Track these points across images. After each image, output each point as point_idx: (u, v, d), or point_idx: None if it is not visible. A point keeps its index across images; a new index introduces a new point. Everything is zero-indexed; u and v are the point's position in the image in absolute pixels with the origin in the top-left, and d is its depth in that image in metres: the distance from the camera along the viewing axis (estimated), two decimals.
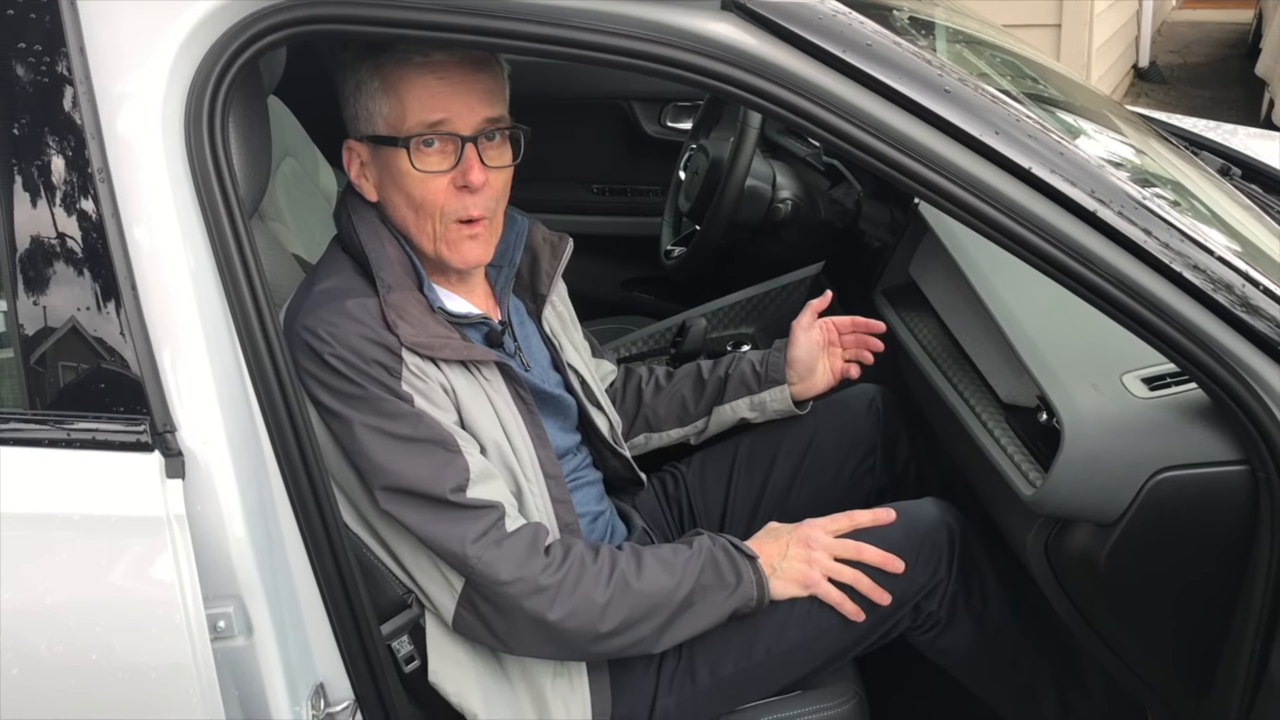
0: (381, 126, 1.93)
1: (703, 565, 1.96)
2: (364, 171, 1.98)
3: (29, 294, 1.56)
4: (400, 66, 1.89)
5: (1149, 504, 1.82)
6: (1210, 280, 1.60)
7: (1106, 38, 8.32)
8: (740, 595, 1.98)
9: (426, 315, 1.94)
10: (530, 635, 1.90)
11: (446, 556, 1.86)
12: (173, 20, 1.55)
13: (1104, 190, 1.59)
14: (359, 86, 1.93)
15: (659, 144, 4.07)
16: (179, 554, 1.53)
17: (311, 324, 1.86)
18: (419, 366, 1.89)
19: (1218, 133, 3.33)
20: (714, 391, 2.49)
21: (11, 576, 1.55)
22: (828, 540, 2.05)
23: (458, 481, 1.85)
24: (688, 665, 2.07)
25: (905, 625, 2.15)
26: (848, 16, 1.59)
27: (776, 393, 2.45)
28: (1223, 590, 1.82)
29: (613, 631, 1.90)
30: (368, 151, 1.96)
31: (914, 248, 2.71)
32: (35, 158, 1.54)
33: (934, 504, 2.20)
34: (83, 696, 1.59)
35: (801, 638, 2.07)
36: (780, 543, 2.07)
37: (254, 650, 1.64)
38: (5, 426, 1.58)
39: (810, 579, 2.02)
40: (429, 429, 1.86)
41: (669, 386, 2.52)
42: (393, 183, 1.95)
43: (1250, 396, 1.64)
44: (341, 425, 1.85)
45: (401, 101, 1.90)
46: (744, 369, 2.47)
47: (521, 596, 1.85)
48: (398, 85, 1.90)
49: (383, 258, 1.95)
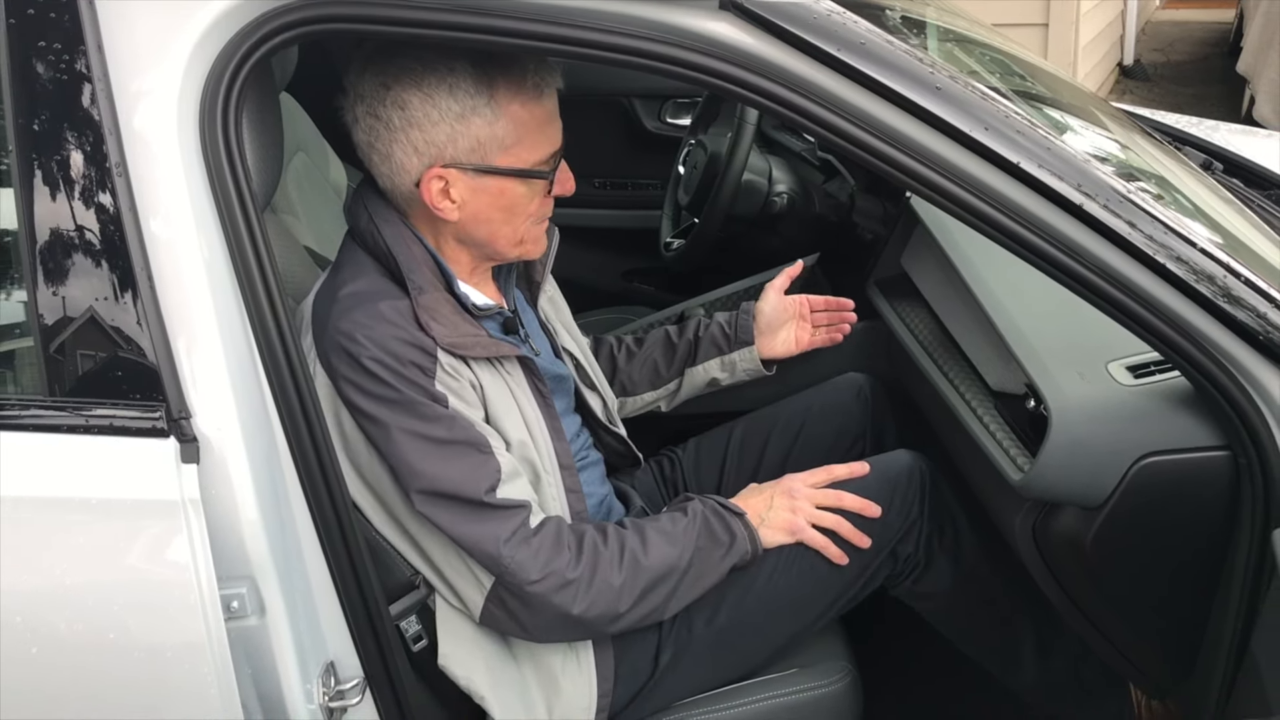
0: (501, 158, 1.87)
1: (699, 529, 1.99)
2: (448, 194, 1.88)
3: (49, 284, 1.56)
4: (521, 93, 1.84)
5: (1133, 488, 1.82)
6: (1193, 271, 1.60)
7: (1092, 36, 8.31)
8: (736, 551, 2.01)
9: (457, 315, 1.92)
10: (556, 625, 1.92)
11: (479, 556, 1.86)
12: (187, 20, 1.55)
13: (1090, 184, 1.59)
14: (465, 116, 1.83)
15: (659, 139, 4.08)
16: (194, 537, 1.53)
17: (347, 328, 1.83)
18: (452, 366, 1.87)
19: (1200, 129, 3.33)
20: (685, 354, 2.52)
21: (32, 558, 1.56)
22: (809, 490, 2.11)
23: (491, 482, 1.84)
24: (685, 618, 2.08)
25: (886, 571, 2.18)
26: (842, 16, 1.59)
27: (745, 353, 2.50)
28: (1205, 571, 1.83)
29: (629, 609, 1.92)
30: (468, 180, 1.88)
31: (905, 240, 2.71)
32: (55, 153, 1.54)
33: (904, 453, 2.24)
34: (100, 674, 1.59)
35: (790, 585, 2.09)
36: (764, 496, 2.12)
37: (266, 629, 1.65)
38: (25, 413, 1.58)
39: (796, 526, 2.07)
40: (463, 431, 1.85)
41: (640, 352, 2.55)
42: (497, 205, 1.91)
43: (1231, 384, 1.65)
44: (378, 429, 1.83)
45: (529, 132, 1.87)
46: (714, 331, 2.51)
47: (550, 593, 1.86)
48: (520, 114, 1.85)
49: (412, 260, 1.91)
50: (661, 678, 2.08)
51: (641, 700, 2.09)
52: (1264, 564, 1.69)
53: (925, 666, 2.64)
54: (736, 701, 2.10)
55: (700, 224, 3.24)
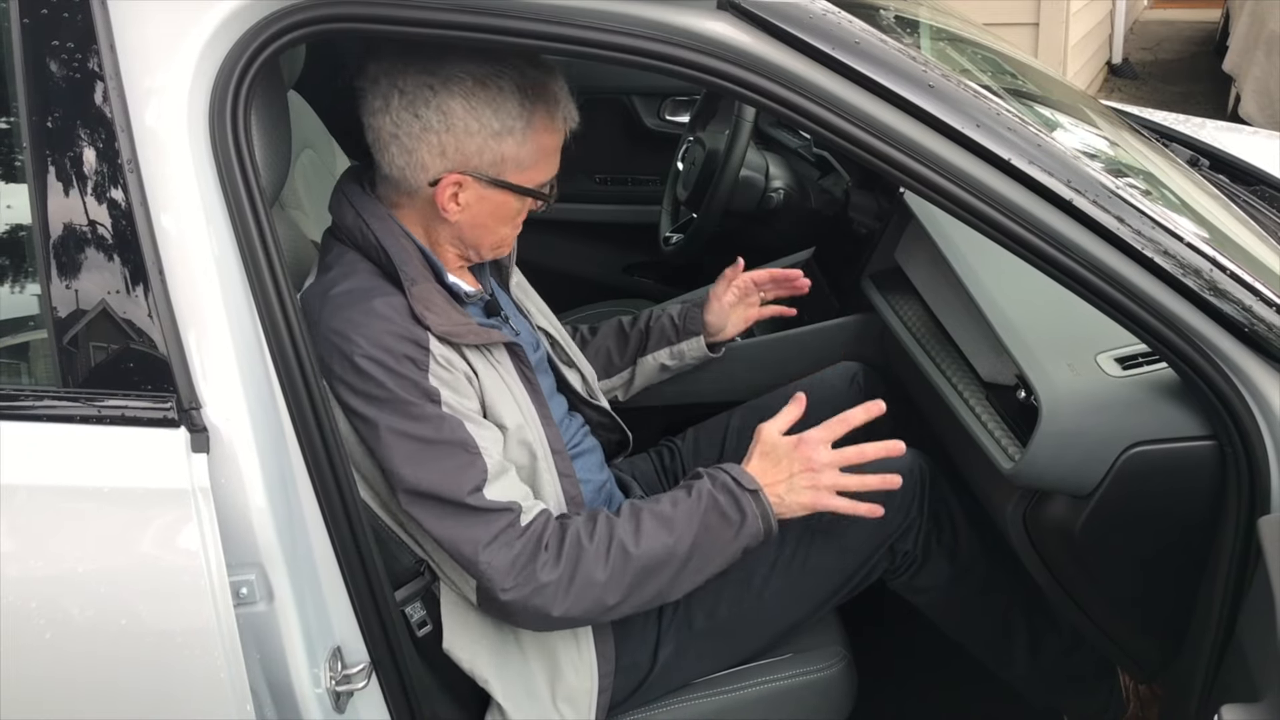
0: (512, 174, 1.92)
1: (705, 510, 1.91)
2: (456, 198, 1.92)
3: (62, 278, 1.56)
4: (551, 126, 1.93)
5: (1122, 477, 1.82)
6: (1180, 265, 1.60)
7: (1082, 35, 8.30)
8: (747, 532, 1.91)
9: (448, 305, 1.93)
10: (541, 625, 1.91)
11: (458, 558, 1.84)
12: (198, 19, 1.54)
13: (1079, 180, 1.59)
14: (500, 135, 1.87)
15: (658, 136, 4.07)
16: (203, 525, 1.53)
17: (339, 326, 1.83)
18: (446, 357, 1.87)
19: (1187, 126, 3.32)
20: (636, 343, 2.56)
21: (46, 546, 1.56)
22: (829, 456, 1.95)
23: (476, 483, 1.83)
24: (685, 612, 2.08)
25: (884, 566, 2.18)
26: (837, 15, 1.59)
27: (693, 343, 2.54)
28: (1192, 559, 1.83)
29: (621, 600, 1.87)
30: (480, 187, 1.92)
31: (899, 235, 2.71)
32: (68, 149, 1.54)
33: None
34: (113, 659, 1.59)
35: (791, 579, 2.09)
36: (782, 469, 1.96)
37: (274, 615, 1.65)
38: (39, 404, 1.58)
39: (818, 501, 1.94)
40: (451, 430, 1.84)
41: (594, 341, 2.58)
42: (494, 213, 1.96)
43: (1218, 375, 1.65)
44: (367, 428, 1.83)
45: (545, 157, 1.94)
46: (664, 323, 2.55)
47: (525, 599, 1.83)
48: (544, 141, 1.92)
49: (403, 253, 1.92)
50: (662, 670, 2.08)
51: (643, 692, 2.09)
52: (1249, 550, 1.69)
53: (920, 655, 2.65)
54: (731, 686, 2.11)
55: (699, 219, 3.24)
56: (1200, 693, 1.80)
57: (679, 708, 2.10)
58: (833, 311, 2.93)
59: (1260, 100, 7.87)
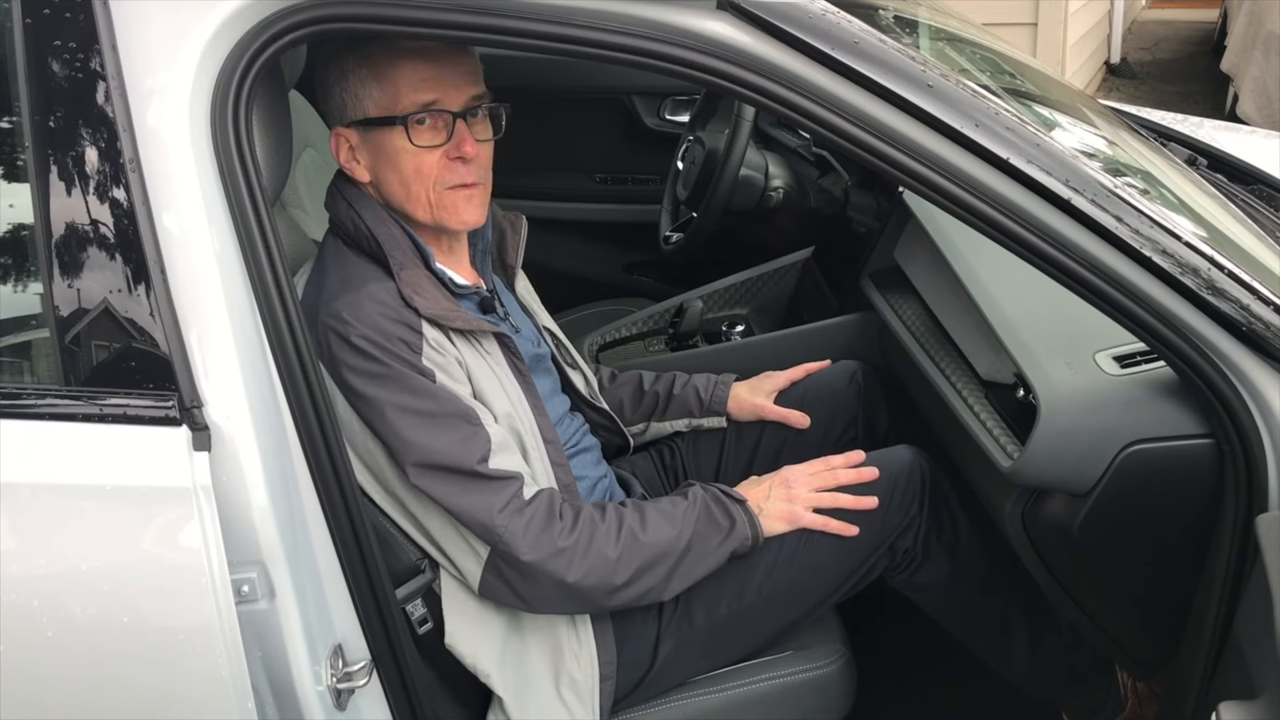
0: (373, 110, 1.94)
1: (699, 513, 2.00)
2: (354, 155, 1.99)
3: (64, 277, 1.56)
4: (389, 54, 1.90)
5: (1120, 475, 1.82)
6: (1178, 264, 1.60)
7: (1080, 35, 8.30)
8: (736, 537, 2.01)
9: (437, 290, 1.96)
10: (551, 595, 1.91)
11: (474, 527, 1.86)
12: (199, 19, 1.55)
13: (1078, 179, 1.59)
14: (345, 75, 1.94)
15: (658, 136, 4.07)
16: (205, 523, 1.53)
17: (335, 309, 1.87)
18: (438, 341, 1.90)
19: (1185, 125, 3.32)
20: (652, 405, 2.53)
21: (49, 544, 1.56)
22: (805, 477, 2.11)
23: (483, 453, 1.86)
24: (685, 610, 2.09)
25: (885, 564, 2.18)
26: (836, 15, 1.58)
27: (713, 420, 2.52)
28: (1189, 557, 1.83)
29: (626, 583, 1.92)
30: (358, 136, 1.97)
31: (898, 234, 2.71)
32: (70, 149, 1.54)
33: (904, 449, 2.23)
34: (114, 656, 1.59)
35: (791, 577, 2.09)
36: (763, 486, 2.12)
37: (276, 613, 1.65)
38: (42, 402, 1.58)
39: (794, 514, 2.07)
40: (452, 403, 1.87)
41: (610, 388, 2.54)
42: (386, 161, 1.96)
43: (1215, 374, 1.65)
44: (370, 407, 1.86)
45: (395, 85, 1.91)
46: (688, 396, 2.51)
47: (544, 560, 1.86)
48: (388, 71, 1.91)
49: (391, 239, 1.96)
50: (662, 668, 2.09)
51: (643, 689, 2.09)
52: (1246, 548, 1.69)
53: (919, 653, 2.64)
54: (731, 684, 2.11)
55: (699, 218, 3.24)
56: (1198, 690, 1.80)
57: (679, 705, 2.10)
58: (832, 310, 2.93)
59: (1258, 100, 7.87)
